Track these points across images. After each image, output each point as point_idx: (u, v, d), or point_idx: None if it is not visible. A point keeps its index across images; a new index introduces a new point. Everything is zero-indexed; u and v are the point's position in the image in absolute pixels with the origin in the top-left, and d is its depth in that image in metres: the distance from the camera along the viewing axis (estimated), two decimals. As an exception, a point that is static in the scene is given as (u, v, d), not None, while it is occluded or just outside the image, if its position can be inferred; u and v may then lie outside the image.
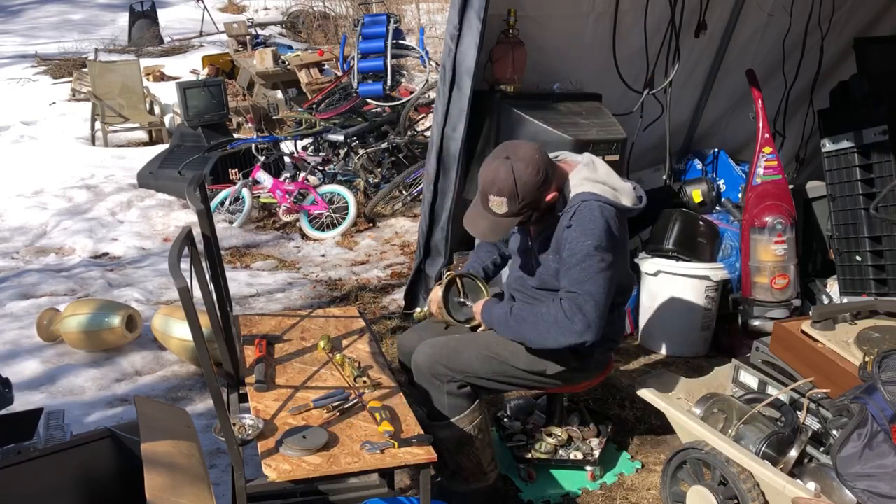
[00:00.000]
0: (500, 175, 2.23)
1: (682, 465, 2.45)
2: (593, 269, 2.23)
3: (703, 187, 4.16)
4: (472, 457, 2.43)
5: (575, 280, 2.25)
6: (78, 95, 9.47)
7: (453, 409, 2.38)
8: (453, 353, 2.41)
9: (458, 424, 2.38)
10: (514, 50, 3.44)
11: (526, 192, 2.24)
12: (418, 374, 2.43)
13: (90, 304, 3.62)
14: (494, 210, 2.28)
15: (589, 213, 2.25)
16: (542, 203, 2.30)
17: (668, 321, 3.70)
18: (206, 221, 2.16)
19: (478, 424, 2.42)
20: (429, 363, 2.40)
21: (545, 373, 2.46)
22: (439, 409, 2.39)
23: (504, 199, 2.24)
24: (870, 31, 4.41)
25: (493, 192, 2.25)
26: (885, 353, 2.22)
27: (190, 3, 14.86)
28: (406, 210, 5.89)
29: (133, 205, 5.98)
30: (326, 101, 6.80)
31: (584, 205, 2.26)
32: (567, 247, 2.26)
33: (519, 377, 2.49)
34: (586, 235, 2.23)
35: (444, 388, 2.38)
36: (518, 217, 2.29)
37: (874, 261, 3.60)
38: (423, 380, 2.42)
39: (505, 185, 2.23)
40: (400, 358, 2.71)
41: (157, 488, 1.80)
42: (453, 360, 2.39)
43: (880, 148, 3.58)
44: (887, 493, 2.00)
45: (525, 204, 2.26)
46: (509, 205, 2.25)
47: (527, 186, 2.23)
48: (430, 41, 10.19)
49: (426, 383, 2.41)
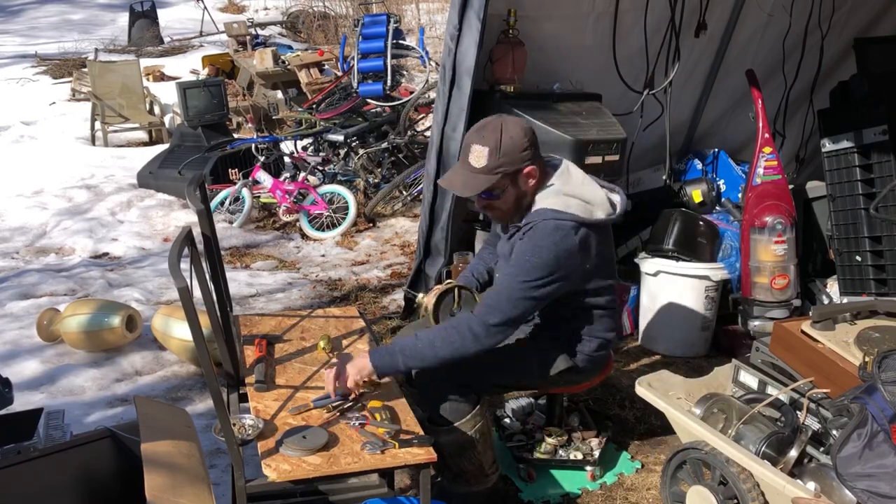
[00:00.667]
0: (489, 127, 2.22)
1: (682, 465, 2.45)
2: (518, 282, 2.21)
3: (703, 187, 4.16)
4: (474, 460, 2.42)
5: (496, 288, 2.27)
6: (78, 95, 9.47)
7: (455, 414, 2.37)
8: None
9: (460, 429, 2.37)
10: (514, 50, 3.44)
11: (508, 149, 2.20)
12: (421, 378, 2.40)
13: (90, 304, 3.62)
14: (473, 163, 2.24)
15: (543, 231, 2.23)
16: (519, 176, 2.25)
17: (668, 321, 3.70)
18: (206, 221, 2.16)
19: (480, 428, 2.41)
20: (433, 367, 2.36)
21: (549, 373, 2.46)
22: (441, 414, 2.37)
23: (486, 149, 2.20)
24: (870, 31, 4.41)
25: (476, 140, 2.22)
26: (885, 353, 2.22)
27: (190, 3, 14.87)
28: (406, 210, 5.90)
29: (133, 205, 5.98)
30: (326, 101, 6.81)
31: (542, 223, 2.24)
32: (513, 255, 2.27)
33: (525, 379, 2.50)
34: (530, 252, 2.22)
35: (447, 392, 2.36)
36: (492, 177, 2.22)
37: (874, 261, 3.60)
38: (425, 383, 2.40)
39: (491, 136, 2.20)
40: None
41: (158, 488, 1.80)
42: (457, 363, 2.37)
43: (880, 148, 3.58)
44: (887, 493, 2.00)
45: (503, 163, 2.20)
46: (489, 158, 2.20)
47: (511, 142, 2.19)
48: (430, 41, 10.19)
49: (428, 387, 2.39)
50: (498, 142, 2.20)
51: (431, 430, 2.36)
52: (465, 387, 2.38)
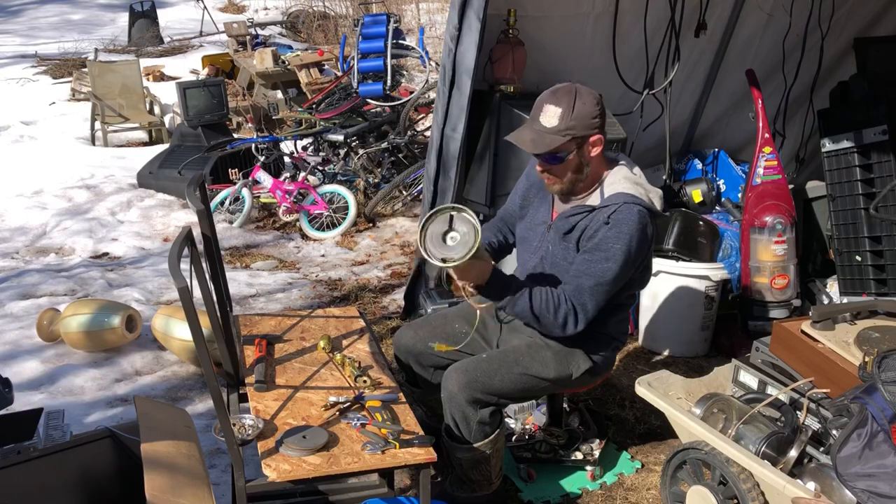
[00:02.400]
0: (563, 90, 2.23)
1: (682, 465, 2.45)
2: (610, 272, 2.23)
3: (703, 187, 4.16)
4: (485, 472, 2.43)
5: (586, 273, 2.24)
6: (78, 95, 9.46)
7: (479, 435, 2.35)
8: (487, 378, 2.34)
9: (480, 448, 2.36)
10: (513, 50, 3.44)
11: (580, 114, 2.20)
12: (450, 401, 2.34)
13: (90, 305, 3.62)
14: (543, 122, 2.23)
15: (628, 215, 2.23)
16: (586, 143, 2.25)
17: (668, 321, 3.70)
18: (206, 221, 2.16)
19: (498, 445, 2.42)
20: (466, 391, 2.31)
21: (571, 377, 2.45)
22: (463, 433, 2.35)
23: (559, 110, 2.21)
24: (870, 31, 4.41)
25: (550, 101, 2.23)
26: (885, 353, 2.22)
27: (190, 3, 14.86)
28: (406, 210, 5.90)
29: (133, 205, 5.98)
30: (326, 101, 6.80)
31: (625, 206, 2.24)
32: (596, 240, 2.24)
33: (547, 388, 2.49)
34: (618, 239, 2.22)
35: (477, 416, 2.34)
36: (561, 139, 2.21)
37: (874, 261, 3.60)
38: (454, 407, 2.34)
39: (565, 97, 2.21)
40: (396, 354, 2.69)
41: (158, 489, 1.80)
42: (489, 385, 2.33)
43: (880, 148, 3.58)
44: (887, 493, 2.00)
45: (574, 125, 2.20)
46: (560, 119, 2.21)
47: (584, 107, 2.20)
48: (430, 41, 10.20)
49: (457, 411, 2.33)
50: (572, 104, 2.20)
51: (449, 445, 2.36)
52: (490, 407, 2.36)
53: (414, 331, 2.64)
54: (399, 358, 2.68)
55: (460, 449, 2.36)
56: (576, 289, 2.26)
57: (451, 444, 2.36)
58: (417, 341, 2.59)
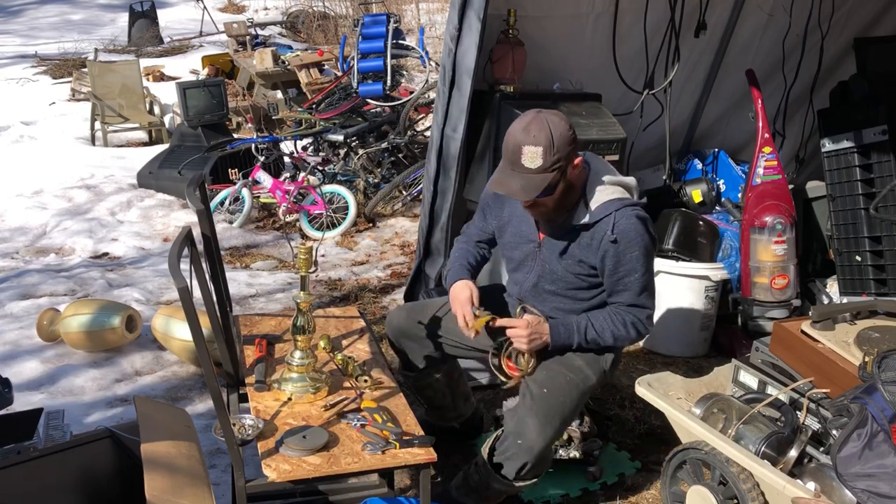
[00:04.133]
0: (535, 126, 2.17)
1: (681, 465, 2.45)
2: (647, 278, 2.30)
3: (703, 187, 4.15)
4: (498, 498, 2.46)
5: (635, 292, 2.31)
6: (78, 95, 9.47)
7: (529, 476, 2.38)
8: (560, 412, 2.33)
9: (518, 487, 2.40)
10: (513, 50, 3.43)
11: (561, 144, 2.16)
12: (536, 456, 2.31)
13: (90, 305, 3.62)
14: (527, 165, 2.17)
15: (629, 223, 2.23)
16: (570, 168, 2.22)
17: (668, 321, 3.70)
18: (206, 221, 2.16)
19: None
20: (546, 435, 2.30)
21: (605, 372, 2.46)
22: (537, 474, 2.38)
23: (540, 148, 2.15)
24: (870, 31, 4.40)
25: (528, 142, 2.16)
26: (885, 353, 2.22)
27: (190, 3, 14.85)
28: (406, 210, 5.90)
29: (133, 205, 5.98)
30: (326, 101, 6.80)
31: (621, 215, 2.24)
32: (616, 260, 2.26)
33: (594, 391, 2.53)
34: (635, 247, 2.24)
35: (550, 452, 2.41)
36: (550, 174, 2.16)
37: (874, 261, 3.60)
38: (537, 460, 2.32)
39: (541, 134, 2.15)
40: (388, 334, 2.68)
41: (158, 489, 1.80)
42: (566, 417, 2.36)
43: (880, 148, 3.58)
44: (887, 493, 2.00)
45: (558, 158, 2.16)
46: (544, 156, 2.15)
47: (562, 137, 2.16)
48: (430, 41, 10.20)
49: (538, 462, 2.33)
50: (550, 138, 2.15)
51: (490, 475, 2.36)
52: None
53: (407, 312, 2.65)
54: (391, 340, 2.68)
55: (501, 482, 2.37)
56: (629, 303, 2.33)
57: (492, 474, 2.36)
58: (410, 323, 2.60)
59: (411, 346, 2.63)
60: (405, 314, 2.65)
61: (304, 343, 2.26)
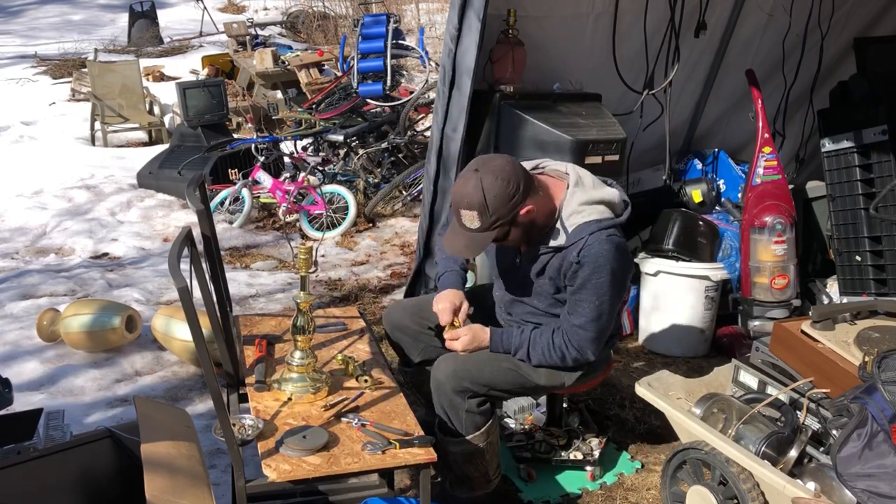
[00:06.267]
0: (468, 189, 2.17)
1: (681, 465, 2.45)
2: (606, 306, 2.28)
3: (703, 187, 4.16)
4: (481, 467, 2.42)
5: (580, 313, 2.29)
6: (78, 96, 9.47)
7: (470, 426, 2.35)
8: (476, 368, 2.35)
9: (472, 441, 2.36)
10: (513, 50, 3.44)
11: (496, 205, 2.16)
12: (438, 390, 2.36)
13: (90, 305, 3.62)
14: (467, 225, 2.22)
15: (598, 248, 2.22)
16: (518, 217, 2.22)
17: (668, 321, 3.70)
18: (206, 221, 2.16)
19: (491, 438, 2.41)
20: (453, 379, 2.33)
21: (564, 385, 2.46)
22: (455, 426, 2.35)
23: (474, 213, 2.18)
24: (870, 31, 4.40)
25: (462, 206, 2.19)
26: (885, 353, 2.22)
27: (190, 4, 14.85)
28: (406, 210, 5.90)
29: (133, 205, 5.98)
30: (326, 102, 6.80)
31: (592, 238, 2.23)
32: (578, 280, 2.26)
33: (540, 390, 2.52)
34: (600, 272, 2.23)
35: (465, 405, 2.34)
36: (493, 231, 2.22)
37: (874, 261, 3.60)
38: (443, 396, 2.35)
39: (474, 198, 2.16)
40: (386, 330, 2.69)
41: (158, 489, 1.80)
42: (477, 375, 2.34)
43: (880, 148, 3.58)
44: (887, 493, 2.00)
45: (497, 217, 2.18)
46: (480, 219, 2.18)
47: (497, 199, 2.15)
48: (430, 41, 10.20)
49: (445, 400, 2.35)
50: (483, 202, 2.16)
51: (442, 439, 2.36)
52: (479, 397, 2.36)
53: (404, 308, 2.67)
54: (387, 333, 2.69)
55: (452, 442, 2.36)
56: (572, 329, 2.31)
57: (443, 438, 2.36)
58: (405, 317, 2.62)
59: (405, 340, 2.64)
60: (401, 308, 2.68)
61: (304, 343, 2.26)
